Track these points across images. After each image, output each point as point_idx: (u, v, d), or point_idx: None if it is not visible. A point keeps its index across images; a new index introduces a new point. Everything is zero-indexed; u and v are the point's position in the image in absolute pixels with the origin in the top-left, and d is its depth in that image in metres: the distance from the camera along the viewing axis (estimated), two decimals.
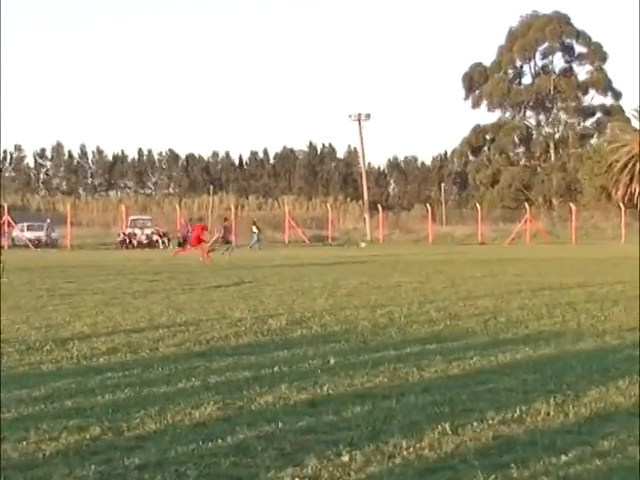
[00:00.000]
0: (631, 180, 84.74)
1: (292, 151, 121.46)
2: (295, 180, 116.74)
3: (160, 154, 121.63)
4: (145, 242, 58.45)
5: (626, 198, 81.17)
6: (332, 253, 37.97)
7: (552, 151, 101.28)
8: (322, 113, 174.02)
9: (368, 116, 76.84)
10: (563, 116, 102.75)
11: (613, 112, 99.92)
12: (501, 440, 6.59)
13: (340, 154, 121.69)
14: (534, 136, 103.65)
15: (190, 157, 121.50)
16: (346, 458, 6.08)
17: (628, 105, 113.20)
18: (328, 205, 72.67)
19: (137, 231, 60.30)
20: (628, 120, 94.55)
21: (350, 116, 77.28)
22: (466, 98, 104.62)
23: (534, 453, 6.20)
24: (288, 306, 16.02)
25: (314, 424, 7.06)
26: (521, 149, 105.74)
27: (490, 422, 7.06)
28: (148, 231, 59.95)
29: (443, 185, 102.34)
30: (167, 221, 67.30)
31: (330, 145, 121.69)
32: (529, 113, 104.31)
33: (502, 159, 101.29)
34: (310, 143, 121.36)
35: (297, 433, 6.78)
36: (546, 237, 65.07)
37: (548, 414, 7.37)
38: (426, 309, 15.37)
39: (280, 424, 7.01)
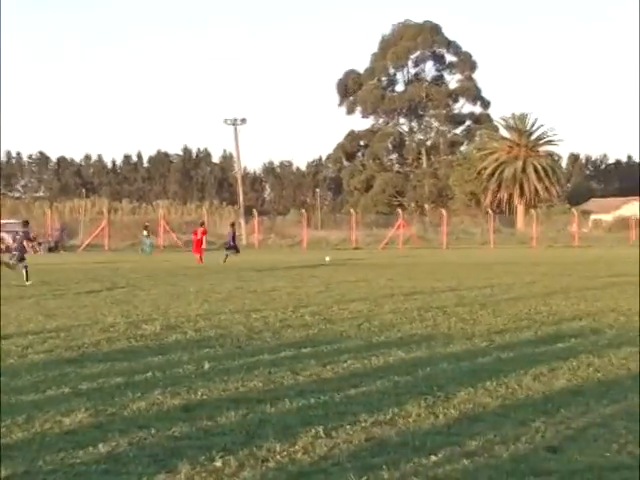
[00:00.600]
0: (499, 187, 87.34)
1: (166, 155, 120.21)
2: (170, 184, 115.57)
3: (30, 157, 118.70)
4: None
5: (494, 204, 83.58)
6: (207, 258, 37.69)
7: (424, 158, 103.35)
8: (197, 117, 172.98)
9: (244, 121, 76.76)
10: (434, 123, 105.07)
11: (482, 120, 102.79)
12: (373, 442, 6.68)
13: (215, 158, 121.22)
14: (407, 143, 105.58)
15: (61, 160, 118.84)
16: (219, 463, 6.06)
17: (496, 114, 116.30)
18: (204, 209, 72.18)
19: (5, 235, 58.41)
20: (496, 128, 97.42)
21: (226, 120, 77.03)
22: (340, 104, 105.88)
23: (405, 454, 6.31)
24: (162, 311, 15.85)
25: (188, 430, 7.00)
26: (394, 155, 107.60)
27: (363, 424, 7.15)
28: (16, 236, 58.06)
29: (318, 190, 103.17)
30: (37, 225, 65.50)
31: (205, 149, 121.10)
32: (402, 120, 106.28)
33: (376, 165, 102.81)
34: (185, 147, 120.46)
35: (170, 439, 6.72)
36: (418, 242, 66.27)
37: (419, 416, 7.51)
38: (301, 313, 15.45)
39: (153, 430, 6.93)
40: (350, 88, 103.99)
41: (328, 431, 6.92)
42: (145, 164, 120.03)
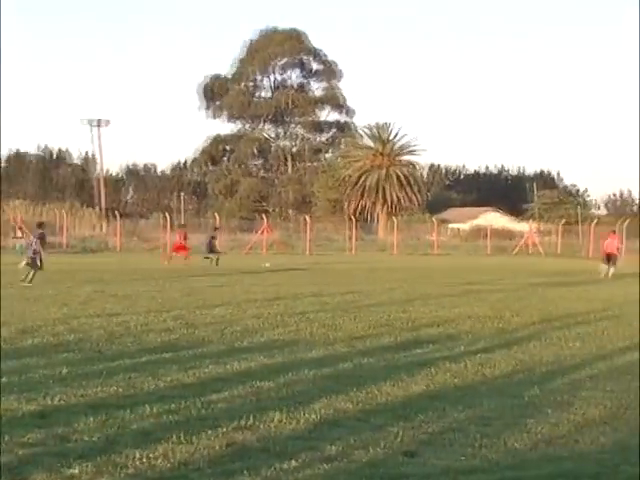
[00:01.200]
0: (362, 194, 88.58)
1: (24, 155, 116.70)
2: (27, 185, 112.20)
3: None
4: None
5: (357, 212, 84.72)
6: (65, 260, 36.81)
7: (289, 164, 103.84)
8: (57, 117, 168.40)
9: (107, 122, 75.42)
10: (300, 130, 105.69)
11: (346, 128, 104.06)
12: (234, 447, 6.67)
13: (76, 159, 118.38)
14: (272, 148, 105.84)
15: None
16: (76, 470, 5.93)
17: (360, 122, 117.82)
18: (63, 211, 70.44)
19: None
20: (360, 137, 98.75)
21: (88, 121, 75.45)
22: (207, 108, 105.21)
23: (265, 460, 6.32)
24: (18, 314, 15.36)
25: (43, 436, 6.82)
26: (259, 161, 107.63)
27: (224, 430, 7.13)
28: None
29: (182, 194, 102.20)
30: None
31: (66, 150, 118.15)
32: (268, 126, 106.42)
33: (241, 170, 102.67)
34: (45, 147, 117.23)
35: (25, 446, 6.53)
36: (282, 247, 66.48)
37: (280, 421, 7.54)
38: (163, 318, 15.27)
39: (7, 437, 6.72)
40: (217, 92, 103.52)
41: (188, 436, 6.87)
42: (2, 164, 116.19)
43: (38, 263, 23.89)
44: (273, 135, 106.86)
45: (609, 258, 33.68)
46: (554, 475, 6.16)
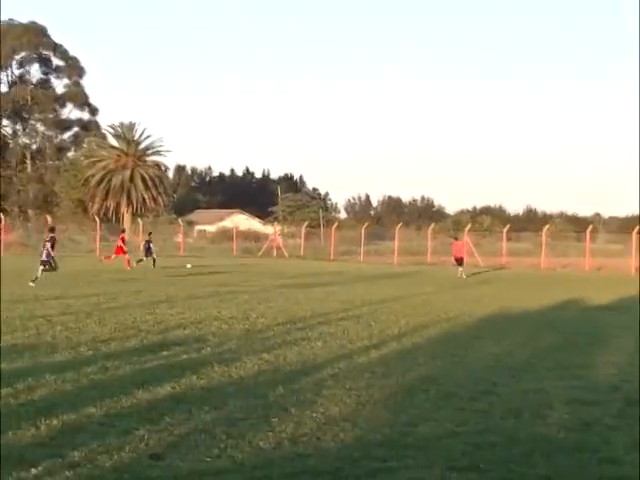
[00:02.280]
0: (107, 195, 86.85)
1: None
2: None
3: None
4: None
5: (102, 212, 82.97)
6: None
7: (29, 162, 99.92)
8: None
9: None
10: (40, 127, 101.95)
11: (90, 127, 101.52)
12: None
13: None
14: (10, 145, 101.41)
15: None
16: None
17: (105, 121, 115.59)
18: None
19: None
20: (104, 136, 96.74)
21: None
22: None
23: (5, 468, 6.08)
24: None
25: None
26: None
27: None
28: None
29: None
30: None
31: None
32: (5, 122, 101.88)
33: None
34: None
35: None
36: (20, 249, 63.93)
37: (19, 428, 7.27)
38: None
39: None
40: None
41: None
42: None
43: (53, 265, 25.81)
44: (11, 132, 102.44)
45: (459, 261, 38.59)
46: (297, 472, 6.35)
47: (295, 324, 15.99)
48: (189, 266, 38.35)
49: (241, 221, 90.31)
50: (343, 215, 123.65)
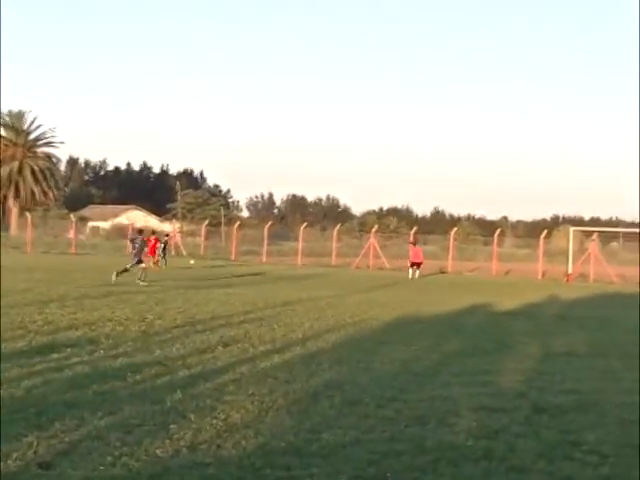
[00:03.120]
0: None
1: None
2: None
3: None
4: None
5: None
6: None
7: None
8: None
9: None
10: None
11: None
12: None
13: None
14: None
15: None
16: None
17: None
18: None
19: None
20: None
21: None
22: None
23: None
24: None
25: None
26: None
27: None
28: None
29: None
30: None
31: None
32: None
33: None
34: None
35: None
36: None
37: None
38: None
39: None
40: None
41: None
42: None
43: (142, 261, 29.12)
44: None
45: (415, 265, 42.14)
46: None
47: (194, 326, 15.88)
48: (192, 262, 40.20)
49: (137, 218, 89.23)
50: (245, 214, 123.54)
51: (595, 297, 32.64)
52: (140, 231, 33.03)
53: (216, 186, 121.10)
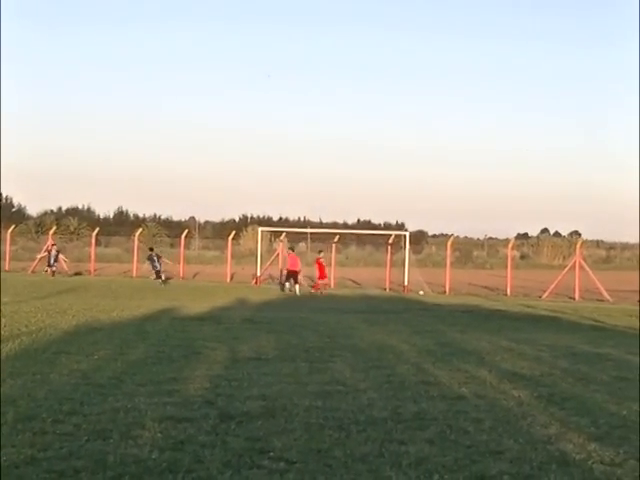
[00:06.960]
0: None
1: None
2: None
3: None
4: None
5: None
6: None
7: None
8: None
9: None
10: None
11: None
12: None
13: None
14: None
15: None
16: None
17: None
18: None
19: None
20: None
21: None
22: None
23: None
24: None
25: None
26: None
27: None
28: None
29: None
30: None
31: None
32: None
33: None
34: None
35: None
36: None
37: None
38: None
39: None
40: None
41: None
42: None
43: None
44: None
45: (293, 276, 40.32)
46: None
47: None
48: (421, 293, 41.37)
49: None
50: None
51: (285, 300, 33.75)
52: (152, 249, 38.71)
53: None
